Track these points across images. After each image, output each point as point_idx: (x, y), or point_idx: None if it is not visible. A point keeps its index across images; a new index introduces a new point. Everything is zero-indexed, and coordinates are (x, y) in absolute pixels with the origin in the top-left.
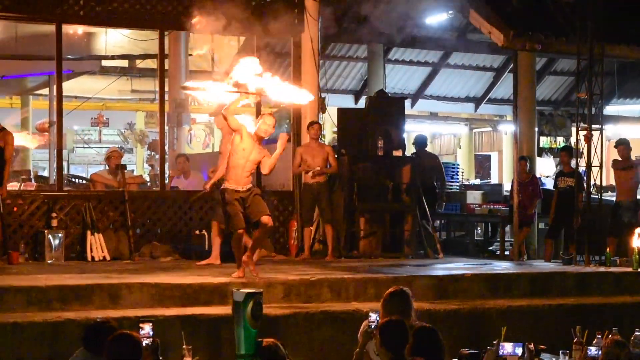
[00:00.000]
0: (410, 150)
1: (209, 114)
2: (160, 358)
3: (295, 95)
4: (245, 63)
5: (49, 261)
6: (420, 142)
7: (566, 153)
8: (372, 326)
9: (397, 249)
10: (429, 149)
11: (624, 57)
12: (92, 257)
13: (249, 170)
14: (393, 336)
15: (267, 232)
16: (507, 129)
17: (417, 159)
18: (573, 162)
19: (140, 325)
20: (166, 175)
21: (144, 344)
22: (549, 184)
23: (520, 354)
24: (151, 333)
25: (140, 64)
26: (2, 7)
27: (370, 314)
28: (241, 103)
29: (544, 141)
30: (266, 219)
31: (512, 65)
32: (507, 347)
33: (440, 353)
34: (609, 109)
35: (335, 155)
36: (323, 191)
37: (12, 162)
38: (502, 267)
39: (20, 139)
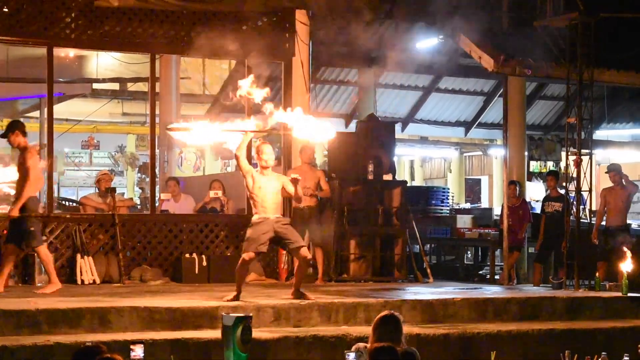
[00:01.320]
0: None
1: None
2: None
3: (316, 130)
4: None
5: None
6: None
7: (553, 177)
8: None
9: (387, 272)
10: (418, 173)
11: (613, 82)
12: (82, 281)
13: (275, 202)
14: None
15: (306, 264)
16: (497, 153)
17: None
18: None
19: (132, 347)
20: (157, 199)
21: None
22: (539, 208)
23: None
24: (142, 355)
25: (132, 87)
26: None
27: (348, 354)
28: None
29: (534, 165)
30: (304, 252)
31: (502, 90)
32: None
33: None
34: (599, 134)
35: (326, 179)
36: (314, 215)
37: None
38: (492, 291)
39: None
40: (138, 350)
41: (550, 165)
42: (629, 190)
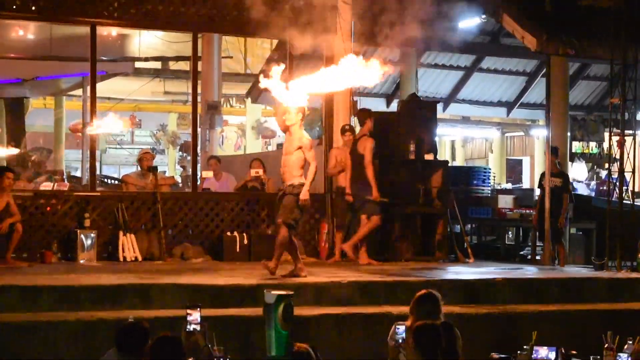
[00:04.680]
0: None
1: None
2: (209, 344)
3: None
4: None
5: (81, 261)
6: None
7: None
8: (400, 341)
9: (428, 252)
10: (459, 153)
11: None
12: (124, 258)
13: (289, 165)
14: (428, 340)
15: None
16: (539, 134)
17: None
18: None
19: (188, 311)
20: (198, 177)
21: (192, 329)
22: (582, 189)
23: (553, 358)
24: (199, 319)
25: (174, 65)
26: (38, 9)
27: (398, 326)
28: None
29: (577, 146)
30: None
31: (544, 70)
32: (541, 351)
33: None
34: None
35: None
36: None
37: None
38: (533, 272)
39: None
40: (195, 315)
41: (593, 146)
42: None
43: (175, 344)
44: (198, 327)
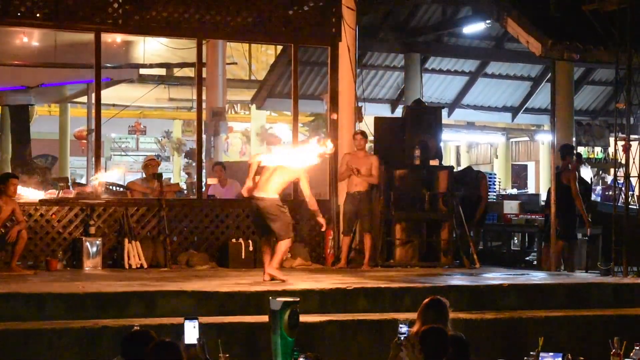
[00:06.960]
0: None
1: None
2: (208, 357)
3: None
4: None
5: (87, 268)
6: None
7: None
8: (402, 338)
9: (433, 258)
10: (464, 159)
11: None
12: (130, 265)
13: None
14: (434, 344)
15: None
16: (545, 139)
17: None
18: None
19: (186, 323)
20: (203, 184)
21: (190, 341)
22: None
23: None
24: (198, 331)
25: (178, 72)
26: (42, 16)
27: (400, 325)
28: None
29: (582, 151)
30: None
31: (549, 75)
32: (548, 358)
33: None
34: None
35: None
36: (364, 200)
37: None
38: (539, 277)
39: None
40: (193, 325)
41: (598, 150)
42: None
43: (173, 350)
44: (195, 340)
